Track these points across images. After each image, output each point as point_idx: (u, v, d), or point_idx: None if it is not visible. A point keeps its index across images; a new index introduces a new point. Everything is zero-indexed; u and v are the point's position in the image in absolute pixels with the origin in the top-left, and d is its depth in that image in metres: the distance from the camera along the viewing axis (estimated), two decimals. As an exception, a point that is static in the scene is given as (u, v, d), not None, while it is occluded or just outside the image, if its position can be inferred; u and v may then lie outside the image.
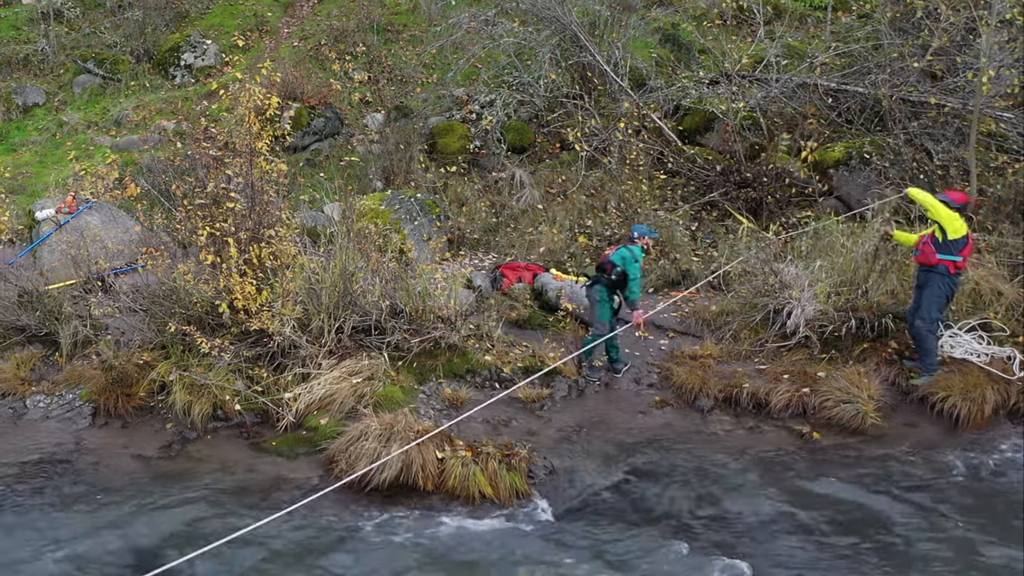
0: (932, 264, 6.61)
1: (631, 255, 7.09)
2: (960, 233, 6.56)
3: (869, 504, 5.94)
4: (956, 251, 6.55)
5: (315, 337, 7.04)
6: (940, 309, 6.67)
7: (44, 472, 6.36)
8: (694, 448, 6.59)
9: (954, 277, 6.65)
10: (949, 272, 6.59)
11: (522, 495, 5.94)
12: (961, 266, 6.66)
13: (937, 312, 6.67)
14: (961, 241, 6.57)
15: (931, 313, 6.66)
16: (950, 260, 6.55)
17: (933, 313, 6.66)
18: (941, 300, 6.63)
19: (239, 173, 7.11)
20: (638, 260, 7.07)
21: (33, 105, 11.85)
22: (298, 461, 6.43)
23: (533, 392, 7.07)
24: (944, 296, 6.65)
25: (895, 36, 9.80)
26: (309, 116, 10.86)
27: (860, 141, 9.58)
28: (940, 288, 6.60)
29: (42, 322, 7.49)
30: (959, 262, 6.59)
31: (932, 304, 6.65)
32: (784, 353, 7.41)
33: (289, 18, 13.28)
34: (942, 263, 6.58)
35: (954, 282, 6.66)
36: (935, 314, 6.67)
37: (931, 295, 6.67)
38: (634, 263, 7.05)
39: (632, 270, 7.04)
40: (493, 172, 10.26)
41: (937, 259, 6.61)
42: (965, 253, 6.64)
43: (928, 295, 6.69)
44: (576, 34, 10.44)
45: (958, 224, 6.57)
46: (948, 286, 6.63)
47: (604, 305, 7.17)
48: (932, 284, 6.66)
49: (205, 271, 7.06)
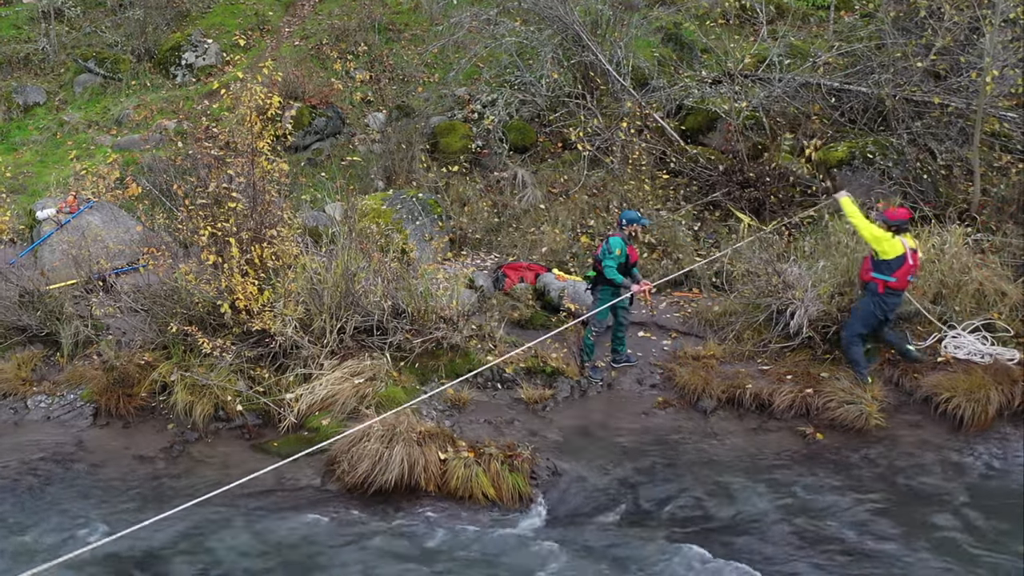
0: (865, 280, 6.62)
1: (606, 247, 7.02)
2: (894, 253, 6.43)
3: (873, 505, 5.92)
4: (889, 271, 6.47)
5: (317, 337, 7.03)
6: (865, 326, 6.65)
7: (45, 473, 6.34)
8: (697, 449, 6.58)
9: (886, 297, 6.55)
10: (878, 291, 6.52)
11: (525, 496, 5.93)
12: (895, 286, 6.54)
13: (861, 327, 6.67)
14: (896, 261, 6.44)
15: (853, 328, 6.72)
16: (881, 279, 6.49)
17: (856, 328, 6.70)
18: (869, 318, 6.60)
19: (240, 173, 7.09)
20: (612, 251, 6.94)
21: (34, 104, 11.83)
22: (299, 462, 6.39)
23: (536, 393, 7.05)
24: (873, 315, 6.60)
25: (898, 35, 9.77)
26: (310, 115, 10.84)
27: (863, 141, 9.55)
28: (869, 306, 6.58)
29: (43, 322, 7.48)
30: (891, 282, 6.49)
31: (857, 320, 6.69)
32: (787, 354, 7.39)
33: (290, 17, 13.25)
34: (873, 281, 6.54)
35: (887, 302, 6.57)
36: (858, 329, 6.69)
37: (859, 311, 6.71)
38: (607, 255, 6.96)
39: (606, 260, 6.96)
40: (495, 172, 10.24)
41: (869, 276, 6.58)
42: (901, 273, 6.49)
43: (856, 310, 6.75)
44: (578, 33, 10.41)
45: (888, 245, 6.45)
46: (878, 305, 6.56)
47: (603, 303, 7.12)
48: (863, 302, 6.68)
49: (207, 271, 7.04)
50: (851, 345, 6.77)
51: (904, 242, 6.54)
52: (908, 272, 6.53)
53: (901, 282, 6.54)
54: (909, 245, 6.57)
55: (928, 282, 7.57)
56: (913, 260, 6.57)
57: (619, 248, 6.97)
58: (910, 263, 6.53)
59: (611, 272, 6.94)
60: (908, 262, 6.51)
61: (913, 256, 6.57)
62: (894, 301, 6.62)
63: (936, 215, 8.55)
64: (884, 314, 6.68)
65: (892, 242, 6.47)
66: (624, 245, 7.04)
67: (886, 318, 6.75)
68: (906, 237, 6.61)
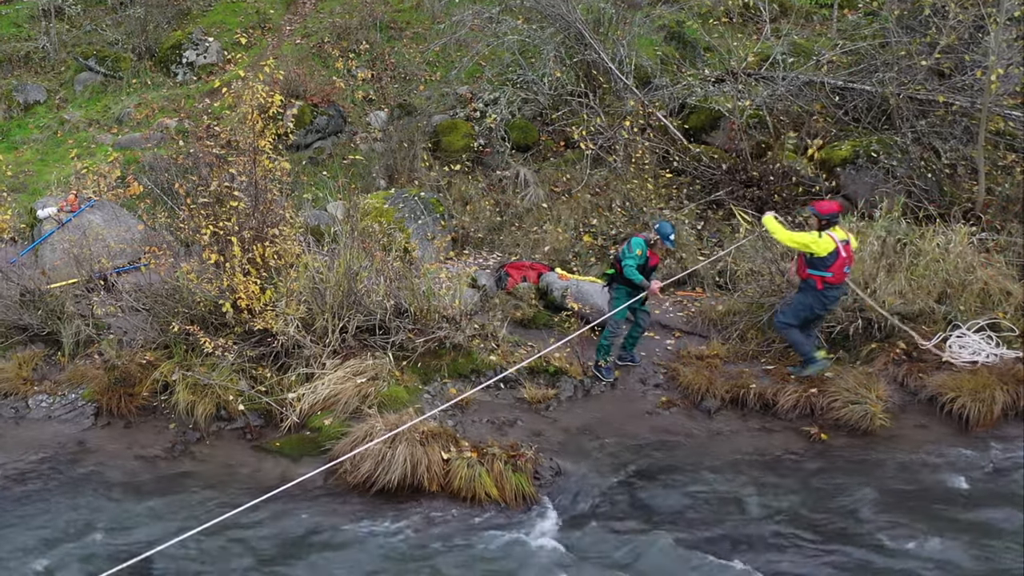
0: (803, 278, 6.66)
1: (627, 246, 7.02)
2: (826, 250, 6.47)
3: (877, 506, 5.89)
4: (824, 267, 6.52)
5: (319, 337, 7.00)
6: (797, 318, 6.72)
7: (46, 472, 6.31)
8: (701, 449, 6.55)
9: (824, 292, 6.60)
10: (817, 287, 6.57)
11: (528, 497, 5.90)
12: (833, 281, 6.58)
13: (792, 318, 6.74)
14: (830, 257, 6.49)
15: (786, 317, 6.77)
16: (818, 275, 6.54)
17: (788, 318, 6.76)
18: (803, 311, 6.68)
19: (242, 171, 7.06)
20: (632, 250, 6.95)
21: (34, 103, 11.79)
22: (302, 462, 6.38)
23: (539, 392, 7.02)
24: (809, 308, 6.66)
25: (902, 34, 9.73)
26: (312, 114, 10.81)
27: (867, 139, 9.51)
28: (807, 300, 6.64)
29: (44, 321, 7.45)
30: (828, 277, 6.54)
31: (790, 311, 6.76)
32: (791, 353, 7.35)
33: (291, 15, 13.22)
34: (811, 277, 6.58)
35: (826, 296, 6.63)
36: (789, 319, 6.75)
37: (795, 303, 6.76)
38: (628, 254, 6.96)
39: (625, 259, 6.97)
40: (497, 170, 10.20)
41: (806, 274, 6.61)
42: (836, 267, 6.54)
43: (793, 301, 6.80)
44: (580, 31, 10.38)
45: (819, 245, 6.48)
46: (818, 299, 6.62)
47: (620, 303, 7.09)
48: (800, 295, 6.73)
49: (208, 270, 7.01)
50: (786, 332, 6.82)
51: (834, 237, 6.57)
52: (843, 265, 6.59)
53: (838, 276, 6.60)
54: (840, 238, 6.60)
55: (933, 281, 7.54)
56: (846, 252, 6.61)
57: (640, 248, 6.97)
58: (843, 256, 6.57)
59: (630, 271, 6.92)
60: (841, 255, 6.55)
61: (846, 248, 6.61)
62: (834, 295, 6.67)
63: (941, 214, 8.54)
64: (823, 308, 6.74)
65: (822, 242, 6.52)
66: (646, 247, 7.02)
67: (824, 313, 6.82)
68: (836, 231, 6.63)
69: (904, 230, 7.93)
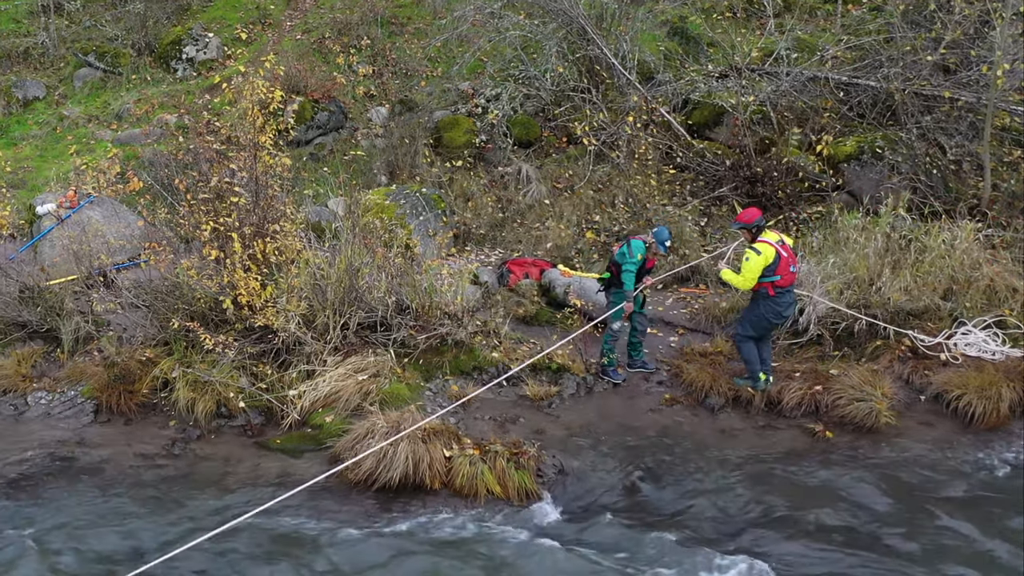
0: (754, 289, 6.66)
1: (627, 249, 6.97)
2: (770, 259, 6.50)
3: (883, 504, 5.85)
4: (772, 273, 6.55)
5: (320, 333, 6.95)
6: (755, 328, 6.73)
7: (46, 470, 6.27)
8: (705, 447, 6.50)
9: (778, 298, 6.61)
10: (769, 294, 6.60)
11: (531, 494, 5.86)
12: (783, 284, 6.60)
13: (750, 330, 6.74)
14: (775, 262, 6.52)
15: (744, 329, 6.77)
16: (768, 283, 6.58)
17: (746, 330, 6.75)
18: (759, 320, 6.69)
19: (243, 167, 7.01)
20: (633, 255, 6.91)
21: (33, 99, 11.74)
22: (303, 459, 6.33)
23: (541, 390, 6.98)
24: (764, 318, 6.66)
25: (907, 29, 9.66)
26: (313, 110, 10.75)
27: (872, 135, 9.45)
28: (761, 310, 6.66)
29: (43, 318, 7.41)
30: (777, 281, 6.57)
31: (747, 322, 6.76)
32: (796, 350, 7.31)
33: (292, 11, 13.15)
34: (761, 287, 6.61)
35: (778, 302, 6.62)
36: (747, 331, 6.75)
37: (749, 313, 6.76)
38: (628, 258, 6.92)
39: (625, 264, 6.92)
40: (499, 167, 10.15)
41: (757, 284, 6.61)
42: (783, 270, 6.55)
43: (747, 312, 6.81)
44: (583, 27, 10.31)
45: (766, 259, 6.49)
46: (770, 307, 6.63)
47: (615, 305, 7.04)
48: (753, 304, 6.73)
49: (209, 266, 6.97)
50: (740, 344, 6.81)
51: (770, 241, 6.57)
52: (788, 265, 6.60)
53: (786, 278, 6.60)
54: (774, 240, 6.60)
55: (939, 278, 7.48)
56: (786, 251, 6.61)
57: (640, 253, 6.94)
58: (785, 256, 6.58)
59: (629, 278, 6.90)
60: (783, 256, 6.57)
61: (784, 248, 6.61)
62: (787, 299, 6.67)
63: (946, 210, 8.48)
64: (778, 316, 6.69)
65: (765, 253, 6.51)
66: (646, 251, 6.99)
67: (779, 322, 6.78)
68: (768, 235, 6.63)
69: (909, 226, 7.88)
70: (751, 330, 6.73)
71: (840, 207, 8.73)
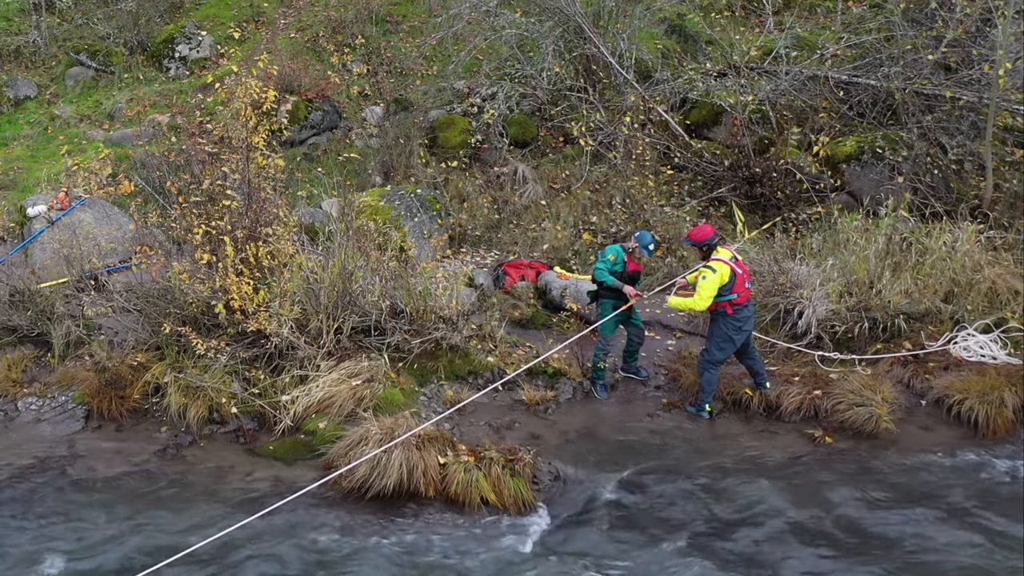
0: (711, 310, 6.59)
1: (602, 254, 6.92)
2: (726, 277, 6.43)
3: (883, 510, 5.80)
4: (729, 291, 6.49)
5: (313, 338, 6.88)
6: (722, 349, 6.64)
7: (36, 476, 6.21)
8: (703, 452, 6.44)
9: (737, 314, 6.54)
10: (727, 313, 6.54)
11: (526, 502, 5.79)
12: (740, 301, 6.52)
13: (719, 353, 6.65)
14: (730, 280, 6.45)
15: (713, 354, 6.67)
16: (725, 301, 6.52)
17: (715, 354, 6.66)
18: (724, 341, 6.61)
19: (235, 169, 6.93)
20: (605, 255, 6.85)
21: (24, 98, 11.62)
22: (296, 466, 6.26)
23: (537, 394, 6.91)
24: (727, 336, 6.59)
25: (908, 27, 9.58)
26: (307, 110, 10.64)
27: (872, 135, 9.37)
28: (722, 329, 6.59)
29: (34, 322, 7.33)
30: (735, 299, 6.51)
31: (713, 345, 6.67)
32: (795, 354, 7.24)
33: (286, 9, 13.02)
34: (719, 306, 6.54)
35: (738, 318, 6.55)
36: (717, 355, 6.66)
37: (713, 336, 6.67)
38: (601, 258, 6.88)
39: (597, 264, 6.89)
40: (495, 167, 10.06)
41: (714, 305, 6.54)
42: (739, 287, 6.49)
43: (709, 335, 6.72)
44: (580, 25, 10.21)
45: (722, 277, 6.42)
46: (730, 325, 6.56)
47: (604, 315, 6.94)
48: (714, 325, 6.65)
49: (201, 270, 6.89)
50: (705, 370, 6.72)
51: (724, 259, 6.49)
52: (743, 281, 6.54)
53: (743, 295, 6.53)
54: (727, 257, 6.53)
55: (940, 280, 7.42)
56: (740, 268, 6.56)
57: (613, 254, 6.86)
58: (740, 273, 6.53)
59: (600, 274, 6.82)
60: (738, 273, 6.51)
61: (738, 264, 6.57)
62: (746, 314, 6.59)
63: (947, 211, 8.42)
64: (739, 332, 6.60)
65: (720, 272, 6.44)
66: (622, 252, 6.89)
67: (746, 340, 6.68)
68: (721, 252, 6.55)
69: (910, 228, 7.83)
70: (717, 353, 6.63)
71: (840, 208, 8.66)
